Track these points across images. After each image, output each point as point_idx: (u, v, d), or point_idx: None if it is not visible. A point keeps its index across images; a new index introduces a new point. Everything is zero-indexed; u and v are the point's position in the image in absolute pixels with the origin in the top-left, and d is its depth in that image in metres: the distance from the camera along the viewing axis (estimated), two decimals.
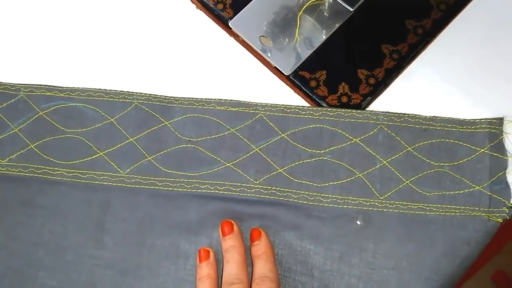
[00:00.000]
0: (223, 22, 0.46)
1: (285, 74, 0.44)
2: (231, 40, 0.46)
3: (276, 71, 0.45)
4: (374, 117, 0.42)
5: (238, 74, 0.45)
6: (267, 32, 0.45)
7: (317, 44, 0.45)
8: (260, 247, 0.38)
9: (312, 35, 0.45)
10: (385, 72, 0.44)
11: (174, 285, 0.40)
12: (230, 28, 0.46)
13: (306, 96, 0.44)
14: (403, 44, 0.44)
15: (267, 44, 0.45)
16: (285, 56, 0.45)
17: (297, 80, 0.44)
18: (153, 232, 0.41)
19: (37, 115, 0.44)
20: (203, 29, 0.47)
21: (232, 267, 0.37)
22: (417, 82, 0.44)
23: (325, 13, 0.46)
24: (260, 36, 0.45)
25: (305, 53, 0.45)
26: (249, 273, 0.38)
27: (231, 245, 0.38)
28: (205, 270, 0.38)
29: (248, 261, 0.39)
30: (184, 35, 0.46)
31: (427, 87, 0.44)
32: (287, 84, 0.45)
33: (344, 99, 0.43)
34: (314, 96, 0.43)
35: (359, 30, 0.45)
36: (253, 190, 0.41)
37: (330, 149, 0.42)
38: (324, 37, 0.45)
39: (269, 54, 0.45)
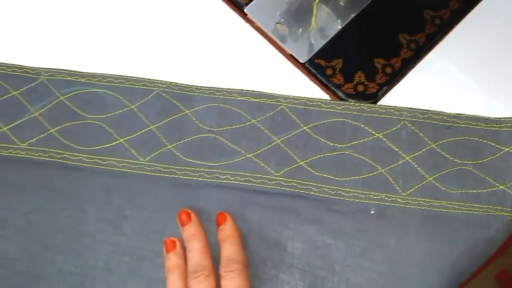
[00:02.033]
0: (238, 8, 0.46)
1: (301, 61, 0.44)
2: (247, 26, 0.46)
3: (292, 58, 0.44)
4: (397, 113, 0.42)
5: (253, 61, 0.45)
6: (283, 19, 0.45)
7: (333, 32, 0.45)
8: (226, 231, 0.38)
9: (327, 23, 0.45)
10: (402, 62, 0.44)
11: None
12: (246, 15, 0.45)
13: (321, 84, 0.44)
14: (420, 34, 0.44)
15: (282, 31, 0.45)
16: (300, 44, 0.44)
17: (312, 68, 0.44)
18: (173, 221, 0.40)
19: (57, 100, 0.43)
20: (219, 16, 0.46)
21: (195, 255, 0.37)
22: (434, 73, 0.44)
23: (341, 3, 0.45)
24: (276, 23, 0.45)
25: (321, 41, 0.44)
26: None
27: (191, 233, 0.38)
28: (173, 260, 0.38)
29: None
30: (200, 22, 0.46)
31: (443, 79, 0.44)
32: (302, 72, 0.44)
33: (360, 88, 0.43)
34: (329, 85, 0.43)
35: (376, 19, 0.45)
36: (273, 182, 0.41)
37: (352, 143, 0.41)
38: (340, 26, 0.45)
39: (284, 42, 0.44)
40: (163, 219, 0.41)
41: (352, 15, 0.45)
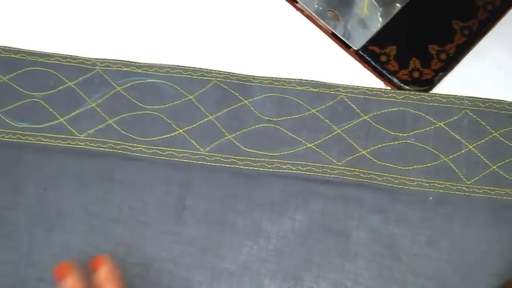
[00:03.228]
0: None
1: (355, 48, 0.44)
2: (298, 14, 0.46)
3: (344, 46, 0.45)
4: (458, 102, 0.42)
5: (306, 49, 0.45)
6: (335, 6, 0.45)
7: (386, 19, 0.45)
8: (103, 275, 0.35)
9: (380, 10, 0.45)
10: (456, 48, 0.44)
11: (256, 265, 0.39)
12: (297, 3, 0.45)
13: (375, 71, 0.44)
14: (473, 20, 0.44)
15: (335, 19, 0.44)
16: (353, 31, 0.44)
17: (366, 54, 0.44)
18: (235, 211, 0.40)
19: (114, 91, 0.43)
20: (270, 5, 0.46)
21: None
22: (488, 59, 0.44)
23: None
24: (328, 11, 0.45)
25: (374, 28, 0.45)
26: None
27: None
28: None
29: None
30: (253, 12, 0.46)
31: (497, 64, 0.44)
32: (355, 59, 0.45)
33: (416, 74, 0.43)
34: (384, 71, 0.43)
35: (428, 6, 0.45)
36: (336, 171, 0.40)
37: (414, 132, 0.41)
38: (393, 12, 0.45)
39: (337, 29, 0.44)
40: (224, 209, 0.40)
41: (405, 2, 0.45)
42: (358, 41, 0.44)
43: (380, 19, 0.45)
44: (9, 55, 0.44)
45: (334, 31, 0.44)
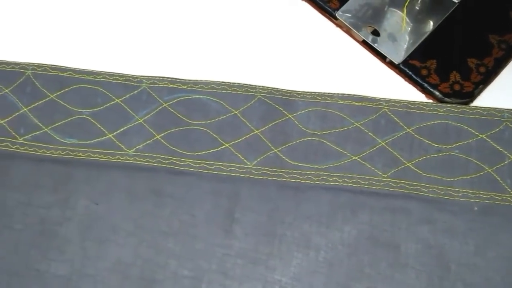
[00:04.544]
0: (328, 13, 0.47)
1: (395, 62, 0.45)
2: (337, 30, 0.47)
3: (384, 60, 0.46)
4: (499, 114, 0.43)
5: (347, 64, 0.46)
6: (374, 21, 0.46)
7: (424, 34, 0.46)
8: None
9: (419, 25, 0.47)
10: (495, 61, 0.45)
11: (307, 277, 0.40)
12: (337, 19, 0.47)
13: (416, 84, 0.45)
14: (509, 34, 0.46)
15: (374, 34, 0.46)
16: (393, 45, 0.46)
17: (407, 68, 0.45)
18: (283, 223, 0.41)
19: (161, 107, 0.44)
20: (310, 22, 0.48)
21: None
22: None
23: (432, 4, 0.47)
24: (368, 26, 0.46)
25: (414, 43, 0.46)
26: None
27: None
28: None
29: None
30: (293, 29, 0.47)
31: None
32: (397, 73, 0.46)
33: (457, 87, 0.44)
34: (426, 85, 0.44)
35: (465, 21, 0.47)
36: (382, 183, 0.41)
37: (457, 144, 0.42)
38: (431, 27, 0.46)
39: (377, 44, 0.45)
40: (273, 221, 0.41)
41: (443, 16, 0.46)
42: (399, 55, 0.45)
43: (421, 34, 0.46)
44: (57, 73, 0.45)
45: (374, 46, 0.45)
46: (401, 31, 0.46)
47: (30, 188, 0.42)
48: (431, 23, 0.46)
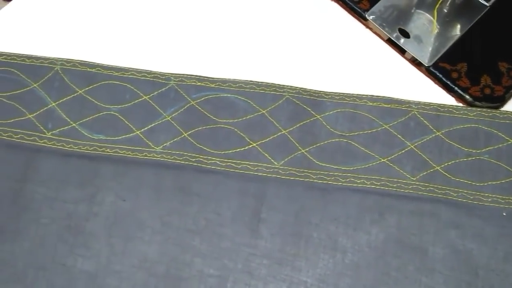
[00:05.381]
0: (357, 14, 0.47)
1: (426, 65, 0.45)
2: (367, 31, 0.47)
3: (414, 62, 0.45)
4: None
5: (376, 65, 0.46)
6: (405, 23, 0.46)
7: (454, 36, 0.46)
8: None
9: (447, 27, 0.46)
10: None
11: (334, 278, 0.39)
12: (366, 20, 0.46)
13: (446, 87, 0.45)
14: None
15: (404, 36, 0.45)
16: (424, 48, 0.45)
17: (437, 71, 0.45)
18: (310, 224, 0.41)
19: (188, 105, 0.44)
20: (340, 23, 0.47)
21: None
22: None
23: (461, 7, 0.47)
24: (398, 28, 0.46)
25: (445, 45, 0.45)
26: None
27: None
28: None
29: None
30: (323, 29, 0.47)
31: None
32: (426, 75, 0.45)
33: (487, 91, 0.43)
34: (456, 88, 0.44)
35: (496, 24, 0.46)
36: (410, 187, 0.41)
37: (487, 149, 0.41)
38: (461, 30, 0.46)
39: (407, 46, 0.45)
40: (299, 222, 0.41)
41: (474, 19, 0.46)
42: (429, 57, 0.44)
43: (451, 37, 0.45)
44: (85, 69, 0.45)
45: (404, 48, 0.45)
46: (430, 33, 0.46)
47: (57, 183, 0.42)
48: (461, 25, 0.46)
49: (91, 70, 0.45)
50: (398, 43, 0.45)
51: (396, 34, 0.46)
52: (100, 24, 0.48)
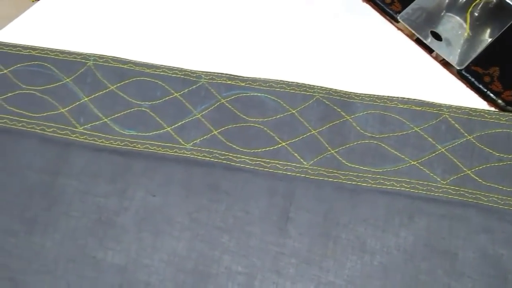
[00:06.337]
0: (389, 15, 0.47)
1: (458, 68, 0.44)
2: (398, 33, 0.47)
3: (445, 65, 0.45)
4: None
5: (407, 68, 0.46)
6: (437, 26, 0.46)
7: (486, 40, 0.46)
8: None
9: (477, 31, 0.46)
10: None
11: (362, 280, 0.39)
12: (398, 22, 0.46)
13: (478, 91, 0.44)
14: None
15: (437, 38, 0.45)
16: (454, 51, 0.45)
17: (469, 75, 0.44)
18: (338, 225, 0.41)
19: (219, 103, 0.44)
20: (371, 25, 0.47)
21: None
22: None
23: (493, 11, 0.46)
24: (430, 30, 0.45)
25: (477, 49, 0.45)
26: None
27: None
28: None
29: None
30: (354, 30, 0.47)
31: None
32: (458, 79, 0.45)
33: None
34: (488, 92, 0.44)
35: None
36: (441, 190, 0.41)
37: None
38: (493, 34, 0.46)
39: (439, 49, 0.45)
40: (328, 222, 0.41)
41: (506, 23, 0.45)
42: (461, 61, 0.44)
43: (483, 40, 0.45)
44: (118, 65, 0.46)
45: (436, 51, 0.45)
46: (461, 36, 0.45)
47: (88, 177, 0.43)
48: (492, 29, 0.46)
49: (123, 66, 0.46)
50: (430, 45, 0.45)
51: (428, 37, 0.45)
52: (133, 21, 0.49)
